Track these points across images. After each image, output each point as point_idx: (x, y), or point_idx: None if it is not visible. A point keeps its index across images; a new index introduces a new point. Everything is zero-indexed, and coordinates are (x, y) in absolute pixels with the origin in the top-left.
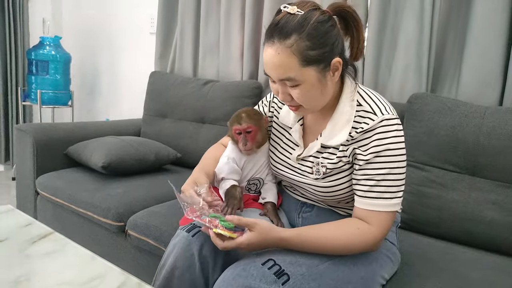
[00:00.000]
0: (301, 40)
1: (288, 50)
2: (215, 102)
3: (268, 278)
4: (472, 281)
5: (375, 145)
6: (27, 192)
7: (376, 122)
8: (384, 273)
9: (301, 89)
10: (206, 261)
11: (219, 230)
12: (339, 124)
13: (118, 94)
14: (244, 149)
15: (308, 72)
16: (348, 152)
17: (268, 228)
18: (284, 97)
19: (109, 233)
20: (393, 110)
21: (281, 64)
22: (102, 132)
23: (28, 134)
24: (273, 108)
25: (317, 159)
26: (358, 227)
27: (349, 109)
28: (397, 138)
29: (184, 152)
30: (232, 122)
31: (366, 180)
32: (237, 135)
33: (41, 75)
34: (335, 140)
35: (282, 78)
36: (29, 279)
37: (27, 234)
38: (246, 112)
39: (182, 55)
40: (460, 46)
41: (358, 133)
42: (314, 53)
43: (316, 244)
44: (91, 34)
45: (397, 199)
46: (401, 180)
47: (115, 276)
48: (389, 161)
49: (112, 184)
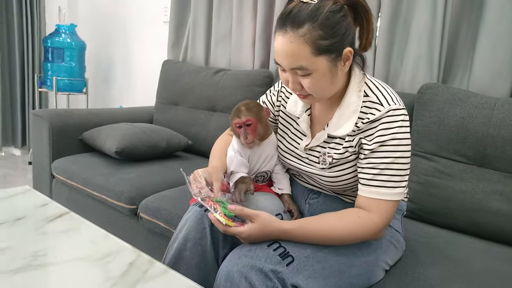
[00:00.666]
0: (314, 29)
1: (301, 39)
2: (226, 90)
3: (273, 259)
4: (476, 270)
5: (380, 135)
6: (43, 176)
7: (383, 112)
8: (387, 259)
9: (312, 78)
10: (217, 236)
11: (218, 217)
12: (345, 114)
13: (132, 82)
14: (246, 142)
15: (320, 62)
16: (355, 143)
17: (269, 220)
18: (295, 86)
19: (122, 215)
20: (400, 100)
21: (293, 53)
22: (116, 119)
23: (44, 120)
24: (281, 97)
25: (324, 149)
26: (358, 215)
27: (356, 100)
28: (403, 128)
29: (195, 139)
30: (232, 116)
31: (370, 169)
32: (237, 129)
33: (56, 62)
34: (342, 130)
35: (294, 67)
36: (45, 254)
37: (44, 213)
38: (245, 105)
39: (194, 44)
40: (473, 37)
41: (365, 123)
42: (326, 42)
43: (317, 234)
44: (105, 22)
45: (400, 188)
46: (405, 170)
47: (127, 253)
48: (393, 150)
49: (125, 169)
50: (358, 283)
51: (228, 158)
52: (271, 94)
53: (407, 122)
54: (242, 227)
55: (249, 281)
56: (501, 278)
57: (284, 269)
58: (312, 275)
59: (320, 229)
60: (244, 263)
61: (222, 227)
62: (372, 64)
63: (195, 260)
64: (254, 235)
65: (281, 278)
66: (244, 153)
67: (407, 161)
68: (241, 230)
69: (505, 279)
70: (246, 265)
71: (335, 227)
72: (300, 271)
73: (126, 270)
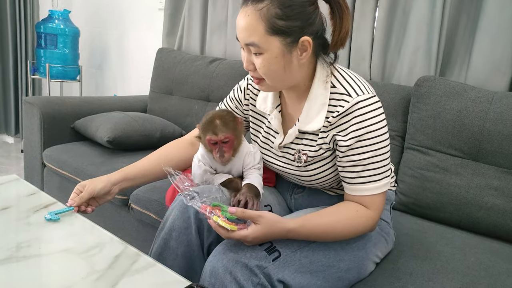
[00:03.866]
0: (272, 6)
1: (257, 14)
2: (221, 80)
3: (258, 254)
4: (468, 264)
5: (355, 129)
6: (34, 164)
7: (352, 104)
8: (378, 251)
9: (263, 59)
10: (202, 225)
11: (221, 222)
12: (314, 108)
13: (127, 70)
14: (221, 160)
15: (273, 42)
16: (328, 139)
17: (274, 220)
18: (248, 65)
19: (113, 206)
20: (368, 88)
21: (247, 26)
22: (109, 108)
23: (35, 107)
24: (248, 95)
25: (298, 145)
26: (356, 209)
27: (323, 92)
28: (376, 118)
29: (189, 129)
30: (205, 130)
31: (352, 167)
32: (212, 145)
33: (49, 49)
34: (312, 125)
35: (247, 42)
36: (30, 245)
37: (30, 203)
38: (220, 119)
39: (190, 32)
40: (472, 30)
41: (335, 117)
42: (282, 23)
43: (320, 230)
44: (100, 8)
45: (386, 178)
46: (387, 160)
47: (114, 246)
48: (371, 144)
49: (117, 159)
50: (347, 277)
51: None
52: (238, 91)
53: (379, 110)
54: (246, 231)
55: (234, 276)
56: (494, 273)
57: (269, 264)
58: (299, 269)
59: (322, 225)
60: (229, 259)
61: (225, 234)
62: (369, 56)
63: (181, 250)
64: (259, 238)
65: (266, 273)
66: (212, 165)
67: (387, 150)
68: (246, 234)
69: (497, 274)
70: (231, 261)
71: (336, 222)
72: (286, 266)
73: (111, 263)
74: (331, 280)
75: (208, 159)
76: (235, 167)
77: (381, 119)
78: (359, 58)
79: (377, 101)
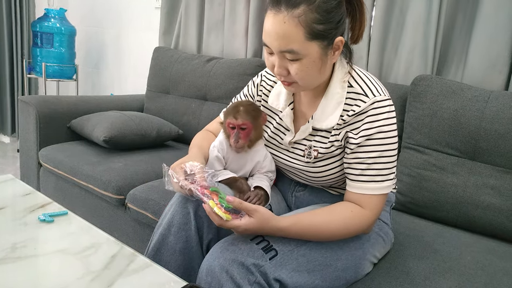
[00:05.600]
0: (310, 11)
1: (296, 20)
2: (218, 79)
3: (255, 253)
4: (464, 263)
5: (367, 128)
6: (30, 164)
7: (368, 104)
8: (375, 252)
9: (301, 64)
10: (201, 221)
11: (217, 210)
12: (330, 106)
13: (123, 69)
14: (235, 146)
15: (312, 47)
16: (341, 136)
17: (267, 217)
18: (281, 71)
19: (110, 205)
20: (385, 91)
21: (285, 34)
22: (105, 107)
23: (31, 106)
24: (261, 92)
25: (310, 142)
26: (351, 210)
27: (340, 91)
28: (389, 120)
29: (185, 129)
30: (228, 113)
31: (357, 164)
32: (230, 129)
33: (46, 47)
34: (327, 122)
35: (284, 50)
36: (25, 246)
37: (26, 203)
38: (244, 106)
39: (186, 31)
40: (468, 29)
41: (350, 116)
42: (321, 27)
43: (311, 230)
44: (96, 7)
45: (389, 181)
46: (393, 162)
47: (110, 246)
48: (380, 144)
49: (113, 158)
50: (344, 276)
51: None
52: (251, 87)
53: (393, 113)
54: (239, 221)
55: (230, 275)
56: (490, 271)
57: (266, 263)
58: (296, 268)
59: (314, 225)
60: (225, 257)
61: (218, 221)
62: (366, 55)
63: (179, 245)
64: (250, 230)
65: (263, 272)
66: (226, 155)
67: (394, 153)
68: (238, 224)
69: (493, 272)
70: (228, 259)
71: (329, 222)
72: (283, 265)
73: (107, 263)
74: (328, 279)
75: (224, 145)
76: (246, 165)
77: (393, 122)
78: (356, 57)
79: (392, 104)
